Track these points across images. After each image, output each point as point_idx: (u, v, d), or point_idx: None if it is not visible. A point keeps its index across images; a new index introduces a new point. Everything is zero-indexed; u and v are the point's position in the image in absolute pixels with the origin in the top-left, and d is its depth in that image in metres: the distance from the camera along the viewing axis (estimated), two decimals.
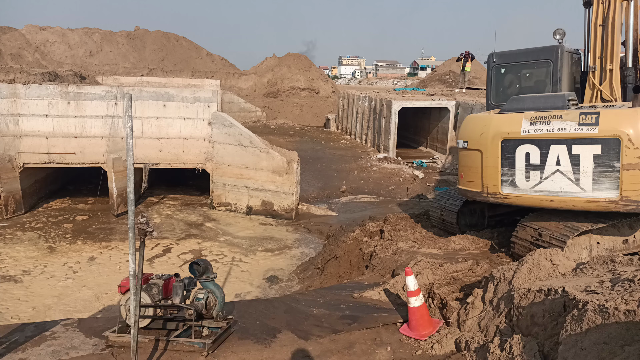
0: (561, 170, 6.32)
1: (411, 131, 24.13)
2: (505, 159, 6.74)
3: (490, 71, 8.25)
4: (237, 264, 10.43)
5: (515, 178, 6.69)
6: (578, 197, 6.26)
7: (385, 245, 8.32)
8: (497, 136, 6.77)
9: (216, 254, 11.01)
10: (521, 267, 5.15)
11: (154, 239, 11.33)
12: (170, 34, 43.28)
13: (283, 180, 13.43)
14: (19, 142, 13.18)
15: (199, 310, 4.94)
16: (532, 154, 6.52)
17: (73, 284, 9.32)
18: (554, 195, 6.43)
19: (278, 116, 33.66)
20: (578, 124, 6.15)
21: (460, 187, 7.69)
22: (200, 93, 13.97)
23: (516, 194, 6.75)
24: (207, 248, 11.34)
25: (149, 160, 13.88)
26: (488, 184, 6.96)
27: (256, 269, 10.18)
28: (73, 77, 16.95)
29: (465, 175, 7.45)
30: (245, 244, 11.59)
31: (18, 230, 12.06)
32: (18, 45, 35.15)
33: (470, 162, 7.22)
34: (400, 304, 5.93)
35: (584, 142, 6.14)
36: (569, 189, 6.30)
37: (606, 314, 3.59)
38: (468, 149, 7.22)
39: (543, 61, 7.62)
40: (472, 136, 7.17)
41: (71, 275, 9.70)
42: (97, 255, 10.70)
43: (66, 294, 8.88)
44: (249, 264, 10.48)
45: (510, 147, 6.69)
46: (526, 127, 6.53)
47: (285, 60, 40.32)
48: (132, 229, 4.21)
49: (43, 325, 5.41)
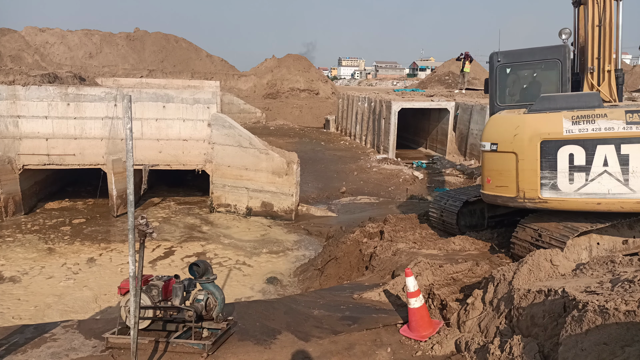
0: (609, 171, 6.07)
1: (411, 132, 24.14)
2: (545, 161, 6.39)
3: (494, 71, 7.91)
4: (236, 265, 10.42)
5: (557, 181, 6.37)
6: (627, 199, 6.05)
7: (385, 246, 8.32)
8: (536, 137, 6.42)
9: (215, 255, 11.00)
10: (521, 267, 5.15)
11: (154, 240, 11.33)
12: (169, 36, 43.32)
13: (283, 182, 13.43)
14: (18, 144, 13.18)
15: (199, 311, 4.94)
16: (577, 155, 6.21)
17: (74, 284, 9.32)
18: (600, 198, 6.17)
19: (278, 117, 33.67)
20: (626, 123, 5.95)
21: (486, 192, 7.18)
22: (199, 94, 13.97)
23: (558, 198, 6.41)
24: (207, 249, 11.34)
25: (149, 161, 13.89)
26: (525, 188, 6.56)
27: (256, 270, 10.17)
28: (72, 79, 16.95)
29: (493, 180, 6.98)
30: (245, 245, 11.59)
31: (17, 232, 12.06)
32: (17, 47, 35.14)
33: (501, 165, 6.80)
34: (401, 305, 5.93)
35: (633, 142, 5.94)
36: (618, 190, 6.07)
37: (606, 315, 3.59)
38: (498, 152, 6.81)
39: (551, 60, 7.39)
40: (503, 138, 6.75)
41: (72, 276, 9.69)
42: (97, 257, 10.69)
43: (67, 293, 8.88)
44: (249, 265, 10.48)
45: (551, 149, 6.35)
46: (568, 127, 6.25)
47: (284, 62, 40.35)
48: (132, 231, 4.21)
49: (43, 326, 5.40)
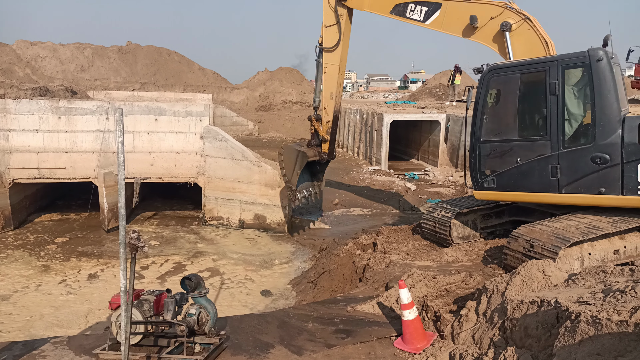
0: None
1: (402, 144, 24.27)
2: None
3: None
4: (229, 278, 10.34)
5: None
6: None
7: (379, 258, 8.30)
8: None
9: (207, 268, 10.91)
10: (514, 278, 5.16)
11: (144, 255, 11.23)
12: (162, 49, 43.38)
13: (275, 194, 13.41)
14: (8, 158, 13.07)
15: (191, 326, 4.89)
16: None
17: (75, 298, 9.23)
18: None
19: (270, 129, 33.71)
20: None
21: None
22: (192, 107, 13.98)
23: None
24: (199, 262, 11.25)
25: (141, 174, 13.81)
26: None
27: (248, 283, 10.10)
28: (64, 92, 16.90)
29: None
30: (238, 258, 11.52)
31: (8, 248, 11.90)
32: (9, 61, 35.04)
33: None
34: (394, 317, 5.91)
35: None
36: None
37: (599, 325, 3.60)
38: None
39: None
40: None
41: (70, 291, 9.60)
42: (93, 272, 10.56)
43: (65, 306, 8.79)
44: (241, 278, 10.40)
45: None
46: None
47: (277, 74, 40.54)
48: (124, 244, 4.18)
49: (32, 343, 5.31)
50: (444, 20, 8.77)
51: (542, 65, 7.14)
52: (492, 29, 8.23)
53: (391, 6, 9.39)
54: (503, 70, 7.49)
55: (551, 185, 7.11)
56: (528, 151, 7.29)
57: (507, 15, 8.12)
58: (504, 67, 7.49)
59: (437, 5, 8.77)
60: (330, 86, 10.97)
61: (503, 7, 8.22)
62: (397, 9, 9.30)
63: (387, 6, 9.44)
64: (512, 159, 7.41)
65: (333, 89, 10.95)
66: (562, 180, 7.02)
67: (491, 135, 7.66)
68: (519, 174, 7.37)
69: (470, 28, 8.41)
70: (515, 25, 7.99)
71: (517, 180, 7.41)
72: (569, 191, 7.00)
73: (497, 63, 7.64)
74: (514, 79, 7.37)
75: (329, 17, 10.47)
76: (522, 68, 7.32)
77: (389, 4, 9.42)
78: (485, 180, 7.71)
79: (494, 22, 8.20)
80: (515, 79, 7.36)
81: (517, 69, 7.35)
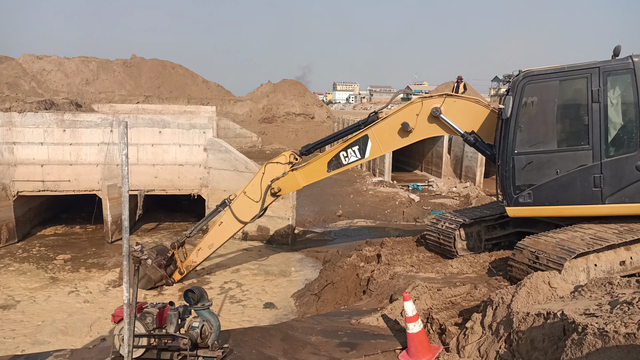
0: None
1: (406, 155, 24.28)
2: None
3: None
4: (232, 291, 10.29)
5: None
6: None
7: (383, 269, 8.26)
8: None
9: (209, 281, 10.87)
10: (519, 290, 5.11)
11: None
12: (166, 62, 43.81)
13: (279, 205, 13.40)
14: (13, 170, 13.15)
15: (194, 339, 4.86)
16: None
17: (89, 306, 9.20)
18: None
19: (273, 141, 33.85)
20: None
21: None
22: (195, 119, 14.05)
23: None
24: (200, 275, 11.21)
25: (144, 186, 13.86)
26: None
27: (252, 296, 10.05)
28: (69, 105, 17.03)
29: None
30: (241, 270, 11.48)
31: (14, 260, 11.88)
32: (15, 74, 35.43)
33: None
34: (399, 329, 5.86)
35: None
36: None
37: (606, 338, 3.56)
38: None
39: None
40: None
41: (87, 299, 9.59)
42: (111, 279, 10.54)
43: (79, 314, 8.74)
44: (245, 290, 10.35)
45: None
46: None
47: (280, 87, 40.83)
48: (127, 257, 4.17)
49: (34, 357, 5.29)
50: (381, 145, 8.68)
51: (583, 72, 6.86)
52: (426, 121, 8.30)
53: (324, 167, 9.07)
54: (539, 77, 7.12)
55: (594, 197, 6.83)
56: (568, 162, 6.95)
57: (428, 105, 8.23)
58: (540, 74, 7.12)
59: (364, 138, 8.66)
60: (216, 238, 10.08)
61: (419, 100, 8.35)
62: (332, 164, 8.99)
63: (321, 170, 9.10)
64: (550, 171, 7.03)
65: (217, 242, 10.10)
66: (605, 191, 6.75)
67: (526, 147, 7.20)
68: (558, 186, 7.01)
69: (408, 133, 8.43)
70: (442, 105, 8.13)
71: (556, 193, 7.06)
72: (612, 201, 6.75)
73: (531, 69, 7.26)
74: (552, 86, 7.05)
75: (254, 190, 9.60)
76: (560, 75, 7.00)
77: (322, 166, 9.08)
78: (520, 195, 7.30)
79: (422, 115, 8.28)
80: (553, 86, 7.04)
81: (555, 76, 7.03)
